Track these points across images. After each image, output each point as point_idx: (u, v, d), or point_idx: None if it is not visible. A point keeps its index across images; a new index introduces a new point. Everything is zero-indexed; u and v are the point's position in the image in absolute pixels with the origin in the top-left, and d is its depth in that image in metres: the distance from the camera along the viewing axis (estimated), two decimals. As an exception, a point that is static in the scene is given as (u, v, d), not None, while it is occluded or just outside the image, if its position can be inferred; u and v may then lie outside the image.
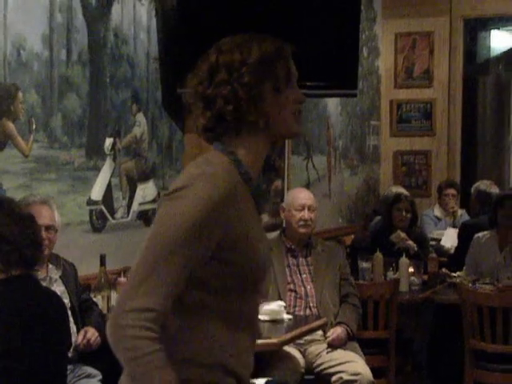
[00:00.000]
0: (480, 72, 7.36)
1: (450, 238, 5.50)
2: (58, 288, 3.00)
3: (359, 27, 4.16)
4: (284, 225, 4.15)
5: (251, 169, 1.56)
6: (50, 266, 3.03)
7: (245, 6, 3.89)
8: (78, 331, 2.99)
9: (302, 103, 1.60)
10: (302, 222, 3.93)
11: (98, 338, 2.94)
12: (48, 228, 2.96)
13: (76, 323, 3.01)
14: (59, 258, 3.08)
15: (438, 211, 6.16)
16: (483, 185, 5.64)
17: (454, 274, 4.76)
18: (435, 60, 6.86)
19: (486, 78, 7.38)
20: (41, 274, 2.95)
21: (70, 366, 2.87)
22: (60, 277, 3.04)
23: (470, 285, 4.30)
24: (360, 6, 4.19)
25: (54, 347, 2.43)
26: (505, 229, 4.57)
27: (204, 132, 1.57)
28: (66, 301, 3.00)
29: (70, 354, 2.91)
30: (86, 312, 3.08)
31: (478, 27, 7.27)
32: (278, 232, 4.10)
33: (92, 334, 2.93)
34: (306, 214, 3.93)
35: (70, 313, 2.99)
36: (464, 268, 4.72)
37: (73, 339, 2.95)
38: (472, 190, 5.69)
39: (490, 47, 7.43)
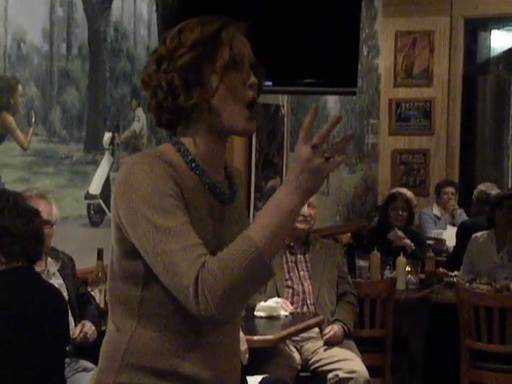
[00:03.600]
0: (480, 72, 7.36)
1: (451, 237, 5.50)
2: (56, 281, 3.01)
3: (360, 25, 4.16)
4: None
5: (203, 159, 1.47)
6: (49, 259, 3.03)
7: (245, 2, 3.88)
8: (76, 325, 3.00)
9: (253, 87, 1.46)
10: (301, 218, 3.93)
11: (95, 332, 2.95)
12: (45, 223, 2.95)
13: (73, 316, 3.02)
14: (58, 252, 3.09)
15: (436, 210, 6.17)
16: (484, 186, 5.66)
17: (451, 274, 4.76)
18: (435, 59, 6.85)
19: (486, 78, 7.37)
20: (39, 268, 2.96)
21: (66, 360, 2.88)
22: (58, 270, 3.04)
23: (467, 284, 4.30)
24: (361, 4, 4.18)
25: (52, 341, 2.43)
26: (503, 229, 4.57)
27: (157, 124, 1.51)
28: (64, 294, 3.00)
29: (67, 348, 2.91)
30: (83, 306, 3.08)
31: (478, 27, 7.26)
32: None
33: (89, 327, 2.94)
34: (305, 209, 3.93)
35: (67, 306, 3.00)
36: (461, 267, 4.73)
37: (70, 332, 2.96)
38: (474, 192, 5.70)
39: (490, 47, 7.42)
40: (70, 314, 3.00)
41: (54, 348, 2.46)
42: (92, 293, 3.22)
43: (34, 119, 3.23)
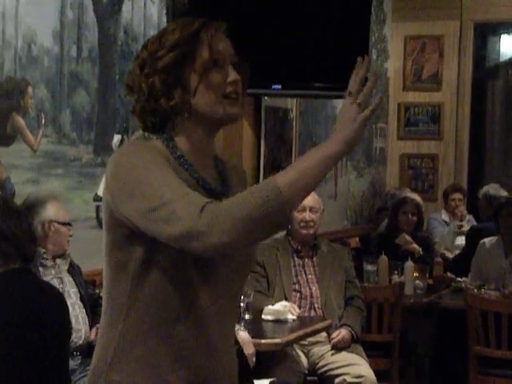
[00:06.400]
0: (489, 76, 7.34)
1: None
2: (68, 279, 3.03)
3: (369, 29, 4.15)
4: (289, 226, 4.15)
5: (191, 157, 1.47)
6: (58, 259, 3.04)
7: (255, 6, 3.88)
8: (89, 320, 3.02)
9: (235, 83, 1.46)
10: (302, 224, 3.93)
11: None
12: (67, 224, 3.02)
13: (87, 313, 3.04)
14: (66, 253, 3.10)
15: (445, 215, 6.15)
16: (492, 189, 5.64)
17: (459, 279, 4.75)
18: (444, 63, 6.84)
19: (495, 83, 7.36)
20: (49, 262, 2.97)
21: (79, 361, 2.89)
22: (68, 269, 3.06)
23: (476, 290, 4.28)
24: (370, 8, 4.18)
25: (53, 340, 2.40)
26: (508, 235, 4.56)
27: (143, 128, 1.51)
28: (75, 290, 3.02)
29: (80, 341, 2.92)
30: (94, 308, 3.09)
31: (488, 31, 7.24)
32: (285, 232, 4.10)
33: None
34: (306, 215, 3.92)
35: (82, 304, 3.03)
36: (470, 273, 4.71)
37: (83, 329, 2.99)
38: (480, 195, 5.68)
39: (499, 52, 7.41)
40: (84, 311, 3.02)
41: (56, 347, 2.44)
42: (101, 294, 3.23)
43: (43, 121, 3.24)
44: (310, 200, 3.97)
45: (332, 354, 3.77)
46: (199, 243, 1.29)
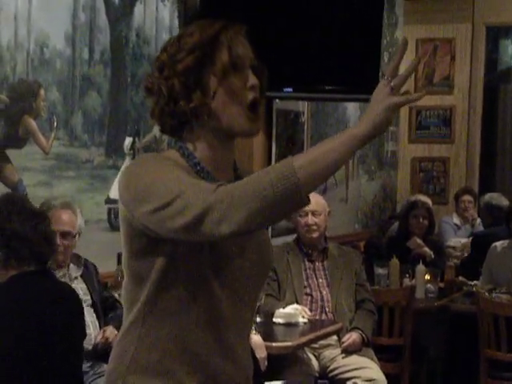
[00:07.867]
0: (501, 79, 7.31)
1: None
2: (80, 285, 3.03)
3: (381, 32, 4.15)
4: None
5: (209, 163, 1.46)
6: (72, 265, 3.04)
7: (267, 8, 3.89)
8: (101, 327, 3.03)
9: (254, 88, 1.45)
10: (306, 228, 3.92)
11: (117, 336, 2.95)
12: (64, 234, 2.94)
13: (98, 318, 3.04)
14: (80, 258, 3.10)
15: (456, 219, 6.14)
16: (492, 199, 5.62)
17: (470, 283, 4.73)
18: (456, 67, 6.82)
19: (507, 86, 7.33)
20: (60, 272, 2.97)
21: (88, 364, 2.89)
22: (81, 275, 3.05)
23: (487, 294, 4.27)
24: (382, 11, 4.17)
25: (54, 339, 2.39)
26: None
27: (161, 130, 1.50)
28: (87, 297, 3.02)
29: (89, 347, 2.91)
30: (109, 310, 3.10)
31: (500, 35, 7.22)
32: (295, 236, 4.09)
33: (110, 332, 2.95)
34: (309, 219, 3.91)
35: (92, 310, 3.03)
36: (481, 277, 4.70)
37: (93, 335, 2.98)
38: (481, 203, 5.67)
39: (511, 55, 7.38)
40: (95, 316, 3.02)
41: (71, 346, 2.44)
42: (116, 297, 3.24)
43: (55, 123, 3.26)
44: (312, 204, 3.92)
45: (343, 358, 3.76)
46: (213, 222, 1.27)
